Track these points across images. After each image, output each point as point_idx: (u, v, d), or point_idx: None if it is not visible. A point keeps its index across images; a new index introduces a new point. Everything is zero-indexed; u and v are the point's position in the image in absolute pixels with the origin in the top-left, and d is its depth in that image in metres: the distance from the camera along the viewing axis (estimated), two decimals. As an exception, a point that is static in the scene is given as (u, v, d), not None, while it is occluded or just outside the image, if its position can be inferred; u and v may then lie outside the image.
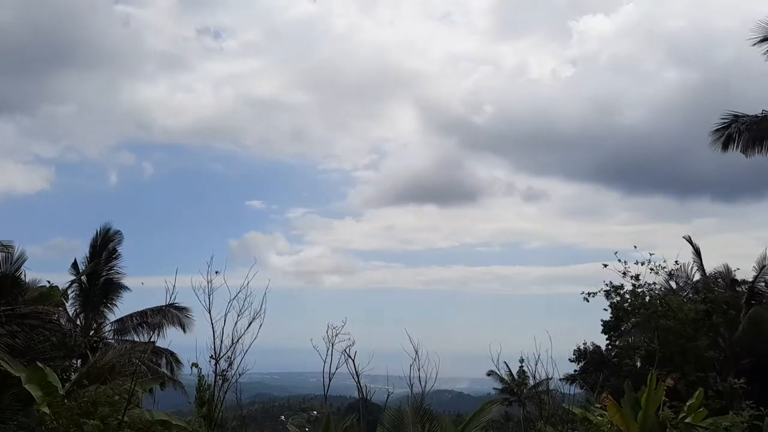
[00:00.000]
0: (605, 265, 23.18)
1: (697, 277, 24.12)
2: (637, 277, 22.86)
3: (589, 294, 24.00)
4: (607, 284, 23.82)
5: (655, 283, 23.44)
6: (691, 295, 23.78)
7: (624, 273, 22.91)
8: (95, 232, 22.12)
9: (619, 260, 23.03)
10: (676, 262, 23.69)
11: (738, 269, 23.46)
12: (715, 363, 20.71)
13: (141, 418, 9.16)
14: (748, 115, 20.25)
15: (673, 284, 24.25)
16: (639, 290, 23.05)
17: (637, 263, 22.64)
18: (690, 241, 23.81)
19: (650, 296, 23.03)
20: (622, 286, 23.52)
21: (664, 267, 23.04)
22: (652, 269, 22.45)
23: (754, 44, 19.24)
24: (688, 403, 11.15)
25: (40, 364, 9.48)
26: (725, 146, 20.45)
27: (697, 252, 23.79)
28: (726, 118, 20.57)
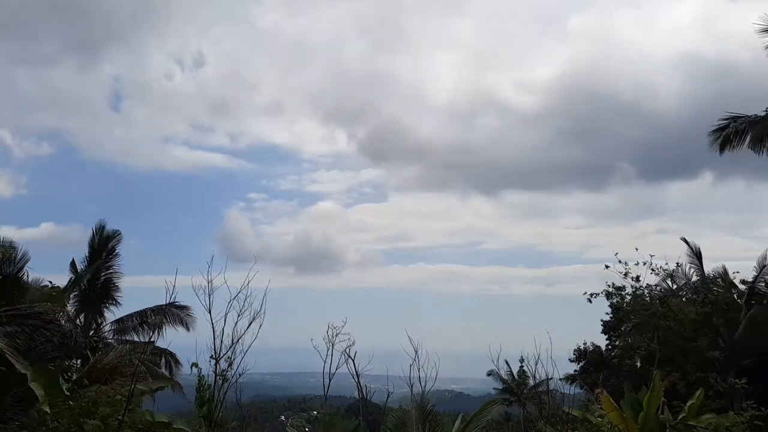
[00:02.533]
0: (607, 266, 23.30)
1: (695, 278, 24.15)
2: (637, 279, 22.92)
3: (591, 295, 24.12)
4: (609, 285, 23.93)
5: (656, 285, 23.52)
6: (689, 295, 23.80)
7: (625, 274, 23.00)
8: (93, 231, 22.06)
9: (620, 261, 23.12)
10: (678, 264, 23.76)
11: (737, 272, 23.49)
12: (716, 363, 20.72)
13: (142, 418, 9.18)
14: (746, 116, 20.32)
15: (671, 285, 24.29)
16: (639, 291, 23.13)
17: (637, 264, 22.72)
18: (687, 242, 23.83)
19: (650, 297, 23.10)
20: (623, 287, 23.62)
21: (665, 269, 23.12)
22: (653, 270, 22.52)
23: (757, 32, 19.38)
24: (688, 404, 11.15)
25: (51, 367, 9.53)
26: (722, 147, 20.53)
27: (697, 253, 23.79)
28: (725, 119, 20.65)
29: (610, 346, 25.71)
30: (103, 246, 21.94)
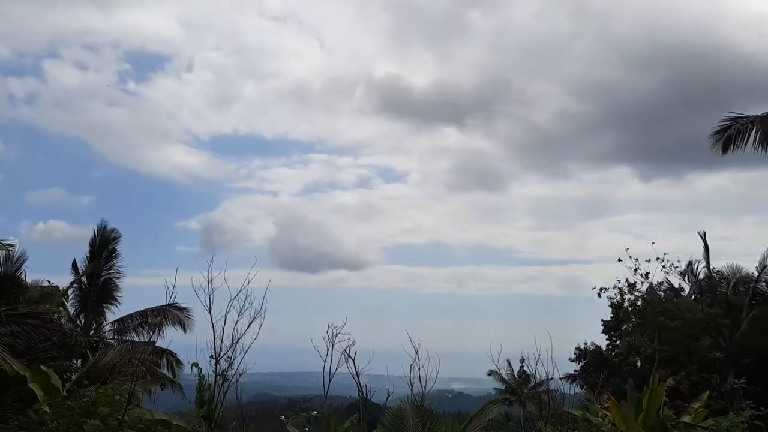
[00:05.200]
0: (619, 260, 23.33)
1: (702, 275, 24.10)
2: (646, 275, 22.92)
3: (601, 290, 24.13)
4: (619, 281, 23.93)
5: (662, 283, 23.50)
6: (696, 294, 23.77)
7: (635, 270, 23.02)
8: (94, 231, 22.08)
9: (630, 257, 23.12)
10: (690, 263, 23.69)
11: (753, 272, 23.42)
12: (716, 363, 20.72)
13: (141, 418, 9.17)
14: (748, 116, 20.34)
15: (679, 283, 24.28)
16: (647, 288, 23.15)
17: (648, 261, 22.73)
18: (703, 237, 23.62)
19: (658, 295, 23.12)
20: (635, 284, 23.62)
21: (677, 266, 23.10)
22: (663, 267, 22.50)
23: None
24: (695, 407, 11.13)
25: (42, 367, 9.51)
26: (725, 148, 20.54)
27: (707, 249, 23.63)
28: (726, 120, 20.66)
29: (610, 346, 25.71)
30: (103, 246, 21.95)
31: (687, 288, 24.25)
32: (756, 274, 22.27)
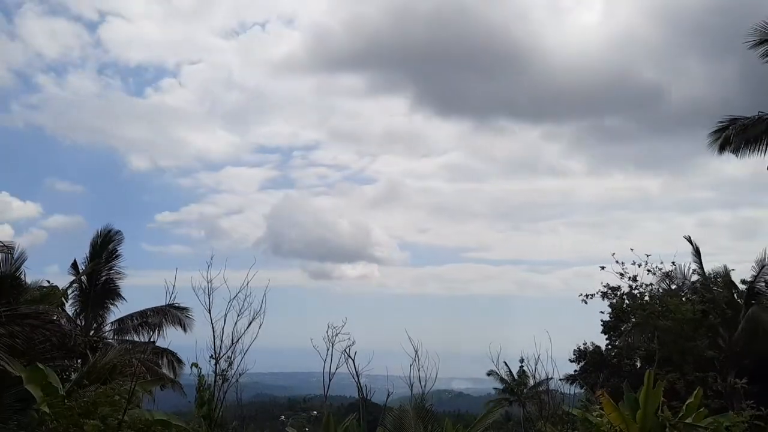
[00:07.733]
0: (602, 267, 23.41)
1: (695, 277, 24.19)
2: (635, 278, 23.00)
3: (587, 296, 24.18)
4: (604, 285, 23.99)
5: (651, 284, 23.61)
6: (690, 295, 23.85)
7: (621, 274, 23.09)
8: (96, 232, 22.15)
9: (617, 261, 23.20)
10: (673, 263, 23.86)
11: (733, 269, 23.57)
12: (715, 363, 20.75)
13: (141, 418, 9.18)
14: (746, 117, 20.41)
15: (669, 284, 24.36)
16: (636, 291, 23.22)
17: (634, 264, 22.82)
18: (690, 240, 23.82)
19: (648, 296, 23.18)
20: (619, 288, 23.71)
21: (661, 268, 23.24)
22: (649, 270, 22.62)
23: (750, 47, 19.34)
24: (686, 402, 11.14)
25: (40, 365, 9.50)
26: (722, 148, 20.65)
27: (697, 252, 23.82)
28: (724, 121, 20.74)
29: (609, 346, 25.74)
30: (104, 246, 22.01)
31: (676, 288, 24.35)
32: (754, 273, 22.32)
